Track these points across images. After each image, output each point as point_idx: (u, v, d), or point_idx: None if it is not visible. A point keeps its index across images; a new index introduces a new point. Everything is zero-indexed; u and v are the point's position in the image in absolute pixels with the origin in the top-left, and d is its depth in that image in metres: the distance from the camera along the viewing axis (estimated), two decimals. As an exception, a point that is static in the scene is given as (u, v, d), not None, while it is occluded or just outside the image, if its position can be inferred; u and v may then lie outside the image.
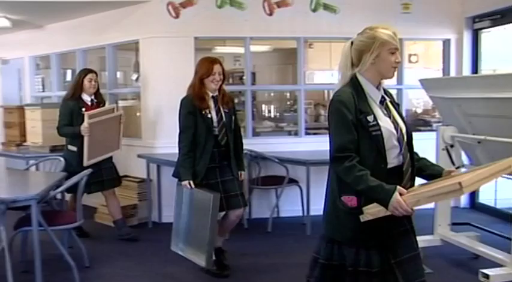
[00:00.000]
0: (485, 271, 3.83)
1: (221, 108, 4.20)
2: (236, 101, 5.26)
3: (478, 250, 4.40)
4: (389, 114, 2.49)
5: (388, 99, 2.54)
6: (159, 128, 6.10)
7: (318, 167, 5.64)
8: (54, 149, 5.96)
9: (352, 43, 2.51)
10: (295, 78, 6.66)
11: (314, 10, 6.26)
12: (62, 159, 5.12)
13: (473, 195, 6.69)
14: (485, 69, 6.68)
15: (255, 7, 6.13)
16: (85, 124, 4.96)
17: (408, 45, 7.96)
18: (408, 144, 2.51)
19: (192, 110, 4.10)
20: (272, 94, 9.56)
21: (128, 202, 5.94)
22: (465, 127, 4.51)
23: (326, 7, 6.28)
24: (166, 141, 5.92)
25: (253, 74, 8.99)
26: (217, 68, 4.12)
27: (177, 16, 6.04)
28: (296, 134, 6.66)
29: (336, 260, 2.51)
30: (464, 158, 5.04)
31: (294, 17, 6.22)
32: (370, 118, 2.42)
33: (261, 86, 8.67)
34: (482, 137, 4.24)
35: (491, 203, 6.48)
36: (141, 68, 6.39)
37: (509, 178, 4.00)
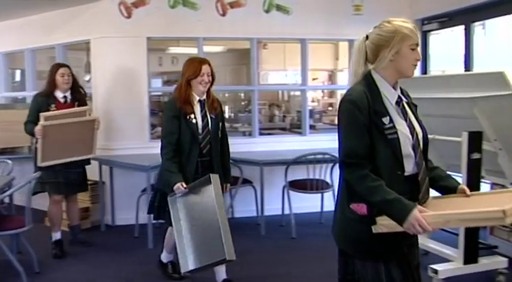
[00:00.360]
0: (434, 266, 3.93)
1: (208, 113, 3.90)
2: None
3: (427, 247, 4.50)
4: (405, 117, 2.28)
5: (405, 100, 2.34)
6: (112, 129, 6.00)
7: (271, 168, 5.68)
8: (3, 152, 5.79)
9: (367, 37, 2.30)
10: (250, 79, 6.68)
11: (267, 11, 6.29)
12: (9, 162, 4.98)
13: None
14: (434, 70, 6.86)
15: (208, 7, 6.12)
16: (38, 126, 4.72)
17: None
18: (423, 151, 2.30)
19: (177, 113, 3.80)
20: (227, 95, 9.57)
21: (80, 205, 5.82)
22: (415, 127, 4.59)
23: (279, 8, 6.31)
24: (119, 143, 5.87)
25: (207, 74, 8.97)
26: (205, 68, 3.83)
27: (129, 16, 5.96)
28: (250, 134, 6.68)
29: (350, 273, 2.37)
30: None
31: (247, 17, 6.23)
32: (385, 120, 2.20)
33: (215, 87, 8.61)
34: (431, 136, 4.33)
35: (440, 200, 6.65)
36: (92, 69, 6.28)
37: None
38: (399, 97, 2.29)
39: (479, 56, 6.07)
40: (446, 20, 6.30)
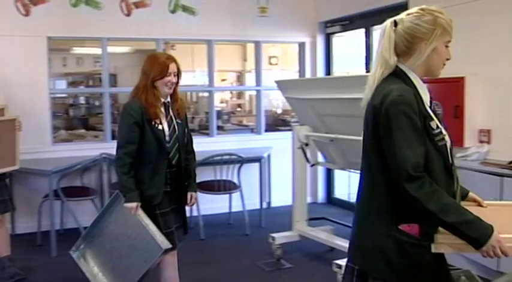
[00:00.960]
0: (338, 262, 4.04)
1: (173, 118, 3.36)
2: (97, 103, 5.00)
3: (333, 243, 4.65)
4: (439, 121, 1.99)
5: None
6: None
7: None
8: None
9: (395, 24, 1.97)
10: (156, 80, 6.58)
11: (173, 11, 6.23)
12: None
13: (329, 191, 7.07)
14: (338, 71, 7.09)
15: (112, 7, 5.97)
16: None
17: (267, 47, 8.24)
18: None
19: (139, 119, 3.21)
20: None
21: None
22: (319, 126, 4.73)
23: (185, 9, 6.28)
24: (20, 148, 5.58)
25: (114, 75, 8.78)
26: (173, 67, 3.27)
27: (26, 14, 5.70)
28: (158, 136, 6.57)
29: None
30: (320, 157, 5.30)
31: (152, 18, 6.14)
32: (433, 124, 1.91)
33: (121, 88, 8.47)
34: (334, 136, 4.49)
35: (345, 197, 6.89)
36: (-12, 69, 5.94)
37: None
38: (431, 99, 2.01)
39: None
40: (348, 23, 6.53)
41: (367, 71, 6.13)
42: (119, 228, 3.40)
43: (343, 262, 4.05)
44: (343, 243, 4.46)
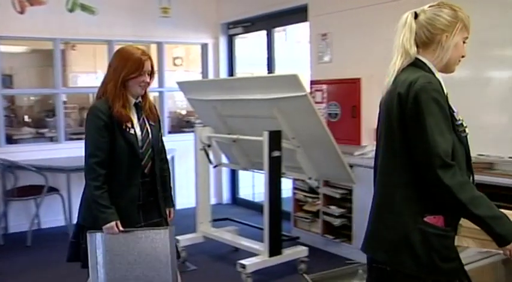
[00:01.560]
0: (242, 262, 4.08)
1: (146, 121, 2.94)
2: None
3: (237, 243, 4.68)
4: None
5: None
6: None
7: (80, 174, 5.43)
8: None
9: (416, 16, 1.94)
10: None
11: (71, 10, 6.01)
12: None
13: (234, 191, 7.11)
14: (241, 72, 7.15)
15: (3, 4, 5.66)
16: None
17: (171, 48, 8.17)
18: None
19: (108, 122, 2.75)
20: (32, 98, 8.97)
21: None
22: (221, 127, 4.75)
23: (84, 8, 6.07)
24: None
25: (10, 76, 8.33)
26: (148, 65, 2.84)
27: None
28: (57, 140, 6.33)
29: None
30: (224, 158, 5.32)
31: (49, 16, 5.88)
32: (456, 115, 1.92)
33: (16, 90, 8.06)
34: (236, 137, 4.52)
35: (250, 198, 6.96)
36: None
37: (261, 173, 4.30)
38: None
39: (281, 59, 6.48)
40: (250, 25, 6.60)
41: (269, 72, 6.24)
42: (122, 267, 2.76)
43: (247, 261, 4.09)
44: (248, 243, 4.51)
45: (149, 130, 2.91)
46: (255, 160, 4.72)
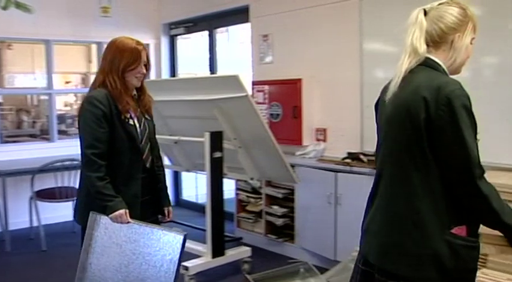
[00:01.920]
0: (185, 263, 4.04)
1: (143, 114, 2.82)
2: None
3: (180, 245, 4.63)
4: None
5: None
6: None
7: (15, 178, 5.29)
8: None
9: (425, 13, 1.84)
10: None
11: (4, 8, 5.78)
12: None
13: (177, 193, 7.06)
14: (184, 73, 7.09)
15: None
16: None
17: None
18: None
19: (107, 112, 2.61)
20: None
21: None
22: (162, 128, 4.69)
23: (18, 5, 5.85)
24: None
25: None
26: (144, 55, 2.74)
27: None
28: (-8, 142, 6.12)
29: None
30: (166, 159, 5.26)
31: (-20, 14, 5.67)
32: None
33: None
34: (177, 138, 4.48)
35: (193, 199, 6.92)
36: None
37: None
38: None
39: (224, 59, 6.47)
40: (192, 25, 6.57)
41: (212, 73, 6.22)
42: (117, 257, 2.59)
43: (189, 263, 4.06)
44: (190, 245, 4.46)
45: (147, 124, 2.80)
46: (197, 161, 4.69)
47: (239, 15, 5.69)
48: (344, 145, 4.53)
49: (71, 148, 5.88)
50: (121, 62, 2.65)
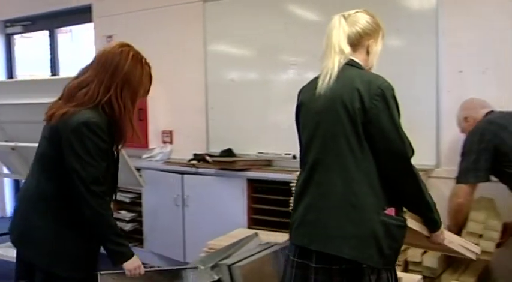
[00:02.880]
0: None
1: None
2: None
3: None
4: None
5: None
6: None
7: None
8: None
9: (344, 18, 1.99)
10: None
11: None
12: None
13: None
14: (23, 74, 6.67)
15: None
16: None
17: None
18: None
19: (109, 143, 2.15)
20: None
21: None
22: (-3, 134, 4.39)
23: None
24: None
25: None
26: None
27: None
28: None
29: None
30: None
31: None
32: None
33: None
34: (13, 144, 4.21)
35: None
36: None
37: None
38: None
39: (67, 60, 6.20)
40: (30, 24, 6.21)
41: (53, 74, 5.94)
42: None
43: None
44: None
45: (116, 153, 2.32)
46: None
47: (81, 14, 5.49)
48: (190, 147, 4.57)
49: None
50: (141, 85, 2.23)
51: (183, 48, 4.69)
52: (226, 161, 4.13)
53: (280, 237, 3.50)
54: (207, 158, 4.24)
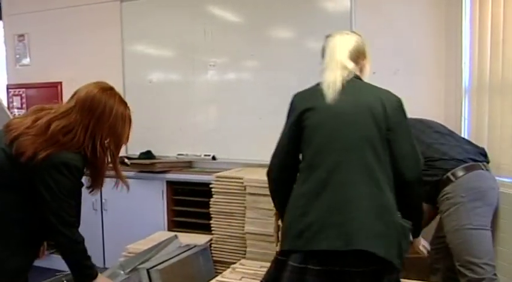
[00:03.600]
0: None
1: None
2: None
3: None
4: None
5: None
6: None
7: None
8: None
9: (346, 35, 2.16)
10: None
11: None
12: None
13: None
14: None
15: None
16: None
17: None
18: None
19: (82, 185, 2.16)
20: None
21: None
22: None
23: None
24: None
25: None
26: None
27: None
28: None
29: None
30: None
31: None
32: None
33: None
34: None
35: None
36: None
37: None
38: None
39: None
40: None
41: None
42: None
43: None
44: None
45: None
46: None
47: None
48: (110, 150, 4.46)
49: None
50: (123, 135, 2.16)
51: (100, 49, 4.57)
52: (145, 164, 4.07)
53: (200, 239, 3.50)
54: (126, 160, 4.15)
